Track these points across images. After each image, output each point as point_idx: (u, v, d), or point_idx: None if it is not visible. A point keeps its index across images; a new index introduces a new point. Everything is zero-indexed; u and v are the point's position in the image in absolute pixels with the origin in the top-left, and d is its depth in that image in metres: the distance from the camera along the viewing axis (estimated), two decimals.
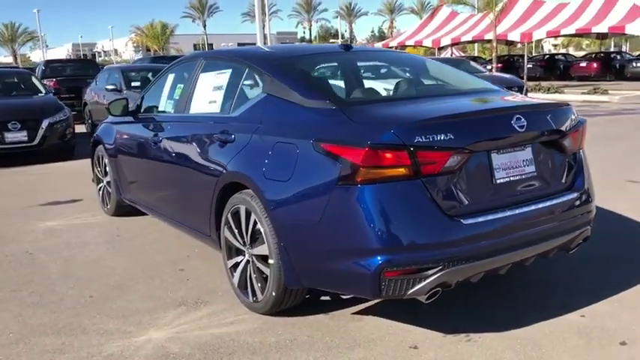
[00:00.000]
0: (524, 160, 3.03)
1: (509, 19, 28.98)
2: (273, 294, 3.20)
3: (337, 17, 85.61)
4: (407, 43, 34.97)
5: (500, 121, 2.93)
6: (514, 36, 28.83)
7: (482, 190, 2.89)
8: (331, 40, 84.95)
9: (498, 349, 2.94)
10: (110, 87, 11.48)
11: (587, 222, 3.30)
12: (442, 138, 2.72)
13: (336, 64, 4.11)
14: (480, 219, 2.80)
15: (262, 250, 3.24)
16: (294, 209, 3.00)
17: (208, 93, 4.03)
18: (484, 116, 2.99)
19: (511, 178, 2.97)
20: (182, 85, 4.45)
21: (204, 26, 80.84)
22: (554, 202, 3.10)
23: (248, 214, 3.32)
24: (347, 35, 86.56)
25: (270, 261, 3.16)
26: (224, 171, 3.50)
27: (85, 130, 13.07)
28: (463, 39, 31.86)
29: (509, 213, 2.90)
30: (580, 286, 3.67)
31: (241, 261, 3.49)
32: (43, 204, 6.53)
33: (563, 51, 49.40)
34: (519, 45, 37.44)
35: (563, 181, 3.22)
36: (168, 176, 4.29)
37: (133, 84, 11.68)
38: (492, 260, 2.85)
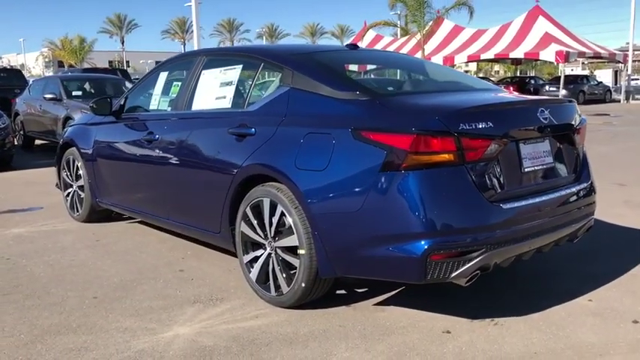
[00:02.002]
0: (543, 151, 3.22)
1: (432, 43, 30.25)
2: (303, 285, 3.19)
3: (262, 37, 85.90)
4: None
5: (529, 113, 3.11)
6: (437, 59, 30.07)
7: (513, 178, 3.04)
8: None
9: (526, 331, 3.07)
10: (49, 96, 10.99)
11: (592, 212, 3.54)
12: (483, 126, 2.85)
13: (352, 60, 4.18)
14: (515, 204, 2.95)
15: (290, 241, 3.23)
16: (331, 197, 3.02)
17: (214, 89, 3.99)
18: (517, 107, 3.17)
19: (535, 167, 3.15)
20: (179, 83, 4.37)
21: (122, 42, 78.90)
22: (568, 191, 3.31)
23: (273, 206, 3.30)
24: None
25: (301, 251, 3.16)
26: (243, 165, 3.47)
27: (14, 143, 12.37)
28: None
29: (536, 200, 3.07)
30: (579, 276, 3.88)
31: (261, 255, 3.46)
32: (0, 212, 6.15)
33: (481, 75, 51.87)
34: None
35: (573, 173, 3.44)
36: (167, 175, 4.18)
37: (74, 93, 11.23)
38: (523, 244, 3.00)
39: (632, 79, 40.99)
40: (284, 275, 3.31)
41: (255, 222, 3.46)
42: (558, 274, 3.94)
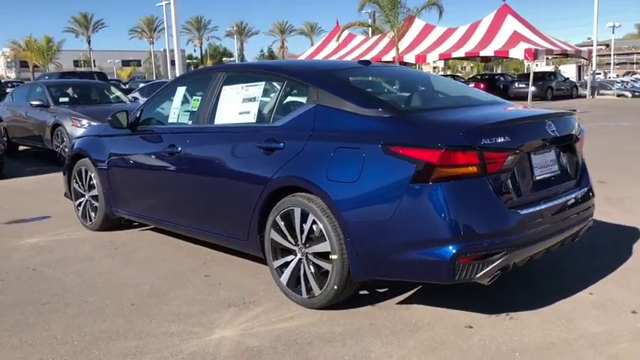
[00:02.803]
0: (550, 160, 3.56)
1: (404, 42, 30.66)
2: (335, 287, 3.47)
3: (232, 35, 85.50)
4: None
5: (539, 126, 3.44)
6: (409, 58, 30.60)
7: (527, 186, 3.37)
8: (224, 59, 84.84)
9: (540, 323, 3.39)
10: (35, 103, 11.01)
11: (591, 214, 3.89)
12: (502, 140, 3.17)
13: (370, 77, 4.45)
14: (530, 210, 3.28)
15: (322, 247, 3.49)
16: (362, 207, 3.29)
17: (237, 104, 4.21)
18: (528, 121, 3.49)
19: (544, 175, 3.48)
20: (199, 97, 4.58)
21: (89, 42, 77.76)
22: (571, 196, 3.65)
23: (304, 215, 3.56)
24: (238, 54, 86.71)
25: (333, 257, 3.43)
26: (273, 177, 3.72)
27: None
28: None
29: (547, 205, 3.40)
30: (576, 272, 4.23)
31: (292, 260, 3.72)
32: (8, 222, 6.26)
33: (449, 72, 52.73)
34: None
35: (575, 178, 3.79)
36: (190, 186, 4.39)
37: (60, 100, 11.26)
38: (537, 245, 3.33)
39: (595, 74, 42.32)
40: (316, 279, 3.57)
41: (285, 230, 3.71)
42: (558, 271, 4.29)
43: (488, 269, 3.13)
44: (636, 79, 42.47)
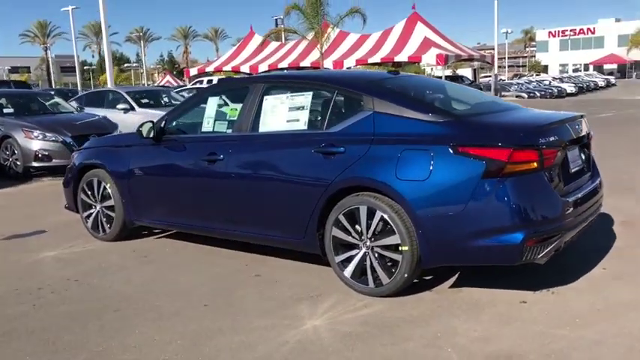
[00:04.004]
0: (576, 155, 4.16)
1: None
2: (405, 275, 3.87)
3: (135, 40, 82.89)
4: (224, 69, 35.84)
5: (571, 126, 4.04)
6: (327, 64, 31.36)
7: (567, 177, 3.94)
8: (126, 65, 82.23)
9: (579, 295, 3.96)
10: None
11: (601, 204, 4.55)
12: (552, 139, 3.73)
13: (410, 85, 4.84)
14: (572, 197, 3.85)
15: (391, 240, 3.88)
16: (434, 202, 3.72)
17: (283, 113, 4.50)
18: (565, 123, 4.06)
19: (575, 169, 4.09)
20: (237, 107, 4.82)
21: None
22: (591, 186, 4.28)
23: (371, 212, 3.93)
24: (135, 59, 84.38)
25: (404, 248, 3.83)
26: (336, 178, 4.05)
27: None
28: (280, 65, 33.68)
29: (580, 193, 4.00)
30: (579, 252, 4.85)
31: (356, 254, 4.07)
32: (7, 237, 6.11)
33: None
34: None
35: (589, 171, 4.42)
36: (236, 191, 4.61)
37: (5, 110, 10.83)
38: (577, 228, 3.91)
39: (485, 77, 45.38)
40: (384, 269, 3.95)
41: (348, 226, 4.06)
42: (564, 252, 4.91)
43: (547, 250, 3.67)
44: (529, 81, 46.06)
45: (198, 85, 23.26)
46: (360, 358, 3.21)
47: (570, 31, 73.68)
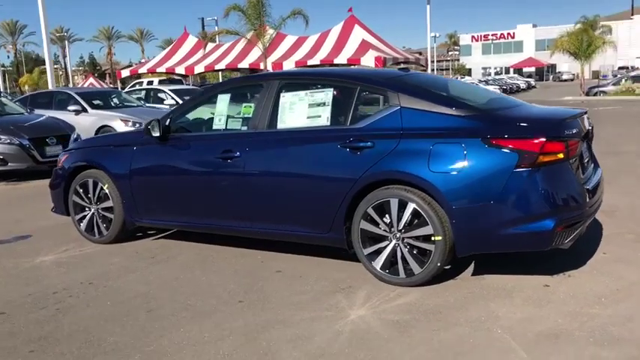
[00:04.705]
0: (585, 147, 4.45)
1: (257, 51, 31.32)
2: (438, 264, 4.01)
3: (54, 41, 79.27)
4: (157, 70, 35.04)
5: (582, 121, 4.30)
6: (266, 66, 31.32)
7: (583, 167, 4.21)
8: (42, 68, 78.56)
9: (591, 277, 4.22)
10: None
11: (602, 192, 4.87)
12: (574, 132, 3.98)
13: (426, 82, 4.94)
14: (589, 186, 4.12)
15: (424, 231, 4.01)
16: (468, 192, 3.88)
17: (302, 109, 4.55)
18: (579, 117, 4.31)
19: (586, 160, 4.37)
20: (250, 104, 4.82)
21: None
22: (597, 175, 4.58)
23: (402, 204, 4.05)
24: (53, 60, 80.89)
25: (437, 238, 3.97)
26: (366, 172, 4.14)
27: None
28: (217, 67, 33.32)
29: (592, 182, 4.28)
30: (576, 244, 5.17)
31: (386, 246, 4.18)
32: None
33: None
34: None
35: (593, 162, 4.73)
36: (255, 187, 4.61)
37: None
38: (592, 216, 4.19)
39: None
40: (415, 259, 4.08)
41: (378, 219, 4.17)
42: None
43: (572, 235, 3.92)
44: None
45: (137, 87, 22.61)
46: (420, 344, 3.31)
47: (492, 35, 77.01)
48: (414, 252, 4.09)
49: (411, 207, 4.03)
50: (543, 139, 3.77)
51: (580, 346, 3.22)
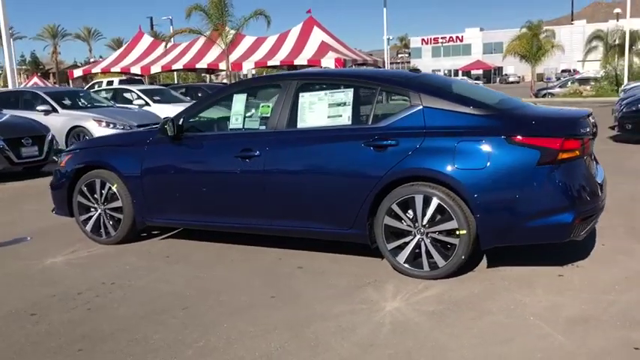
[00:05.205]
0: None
1: (215, 50, 31.00)
2: (462, 257, 4.20)
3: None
4: (112, 70, 34.29)
5: (591, 120, 4.58)
6: (223, 66, 31.09)
7: (593, 164, 4.48)
8: None
9: (599, 267, 4.50)
10: None
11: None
12: (587, 130, 4.24)
13: (441, 83, 5.10)
14: (600, 181, 4.40)
15: (448, 225, 4.19)
16: (492, 188, 4.07)
17: (323, 109, 4.66)
18: (587, 118, 4.58)
19: (593, 157, 4.64)
20: (268, 104, 4.90)
21: None
22: (602, 172, 4.86)
23: (427, 200, 4.22)
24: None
25: (462, 232, 4.16)
26: (390, 170, 4.29)
27: None
28: (174, 67, 32.88)
29: (601, 179, 4.56)
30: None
31: (410, 241, 4.34)
32: None
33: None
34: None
35: (595, 161, 5.02)
36: (276, 185, 4.69)
37: None
38: (602, 211, 4.46)
39: None
40: (439, 253, 4.26)
41: (402, 214, 4.32)
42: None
43: (587, 227, 4.19)
44: None
45: (97, 88, 22.12)
46: (462, 332, 3.48)
47: (442, 38, 78.75)
48: (438, 246, 4.27)
49: (435, 203, 4.20)
50: (563, 137, 4.02)
51: (609, 329, 3.46)
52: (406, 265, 4.37)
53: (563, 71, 65.51)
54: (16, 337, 3.59)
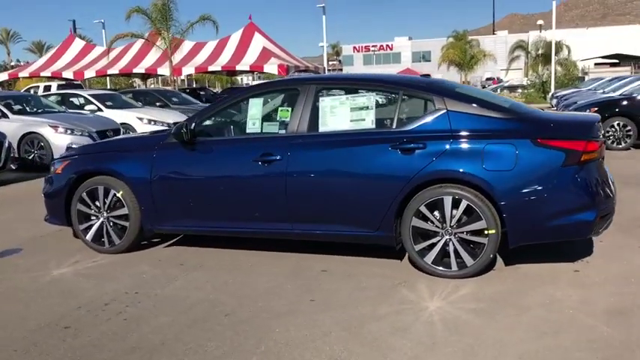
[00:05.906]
0: None
1: (153, 55, 30.21)
2: (491, 256, 4.36)
3: None
4: (42, 74, 32.83)
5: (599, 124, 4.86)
6: (164, 71, 30.44)
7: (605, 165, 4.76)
8: None
9: (605, 263, 4.75)
10: None
11: None
12: (600, 134, 4.50)
13: (459, 87, 5.21)
14: (611, 181, 4.67)
15: (478, 225, 4.33)
16: (520, 188, 4.24)
17: (344, 113, 4.71)
18: (599, 123, 4.84)
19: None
20: (287, 108, 4.89)
21: None
22: (610, 174, 5.15)
23: (455, 202, 4.35)
24: None
25: (491, 231, 4.31)
26: (419, 172, 4.39)
27: None
28: (110, 71, 31.84)
29: (612, 178, 4.84)
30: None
31: (438, 241, 4.45)
32: None
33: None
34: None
35: None
36: (299, 190, 4.67)
37: None
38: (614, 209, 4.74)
39: None
40: (468, 252, 4.39)
41: (430, 215, 4.43)
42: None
43: (605, 225, 4.45)
44: None
45: (39, 93, 21.06)
46: (514, 327, 3.61)
47: (373, 46, 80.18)
48: (466, 246, 4.40)
49: (464, 204, 4.33)
50: (585, 140, 4.25)
51: None
52: (434, 266, 4.48)
53: (487, 79, 68.26)
54: (62, 352, 3.42)
